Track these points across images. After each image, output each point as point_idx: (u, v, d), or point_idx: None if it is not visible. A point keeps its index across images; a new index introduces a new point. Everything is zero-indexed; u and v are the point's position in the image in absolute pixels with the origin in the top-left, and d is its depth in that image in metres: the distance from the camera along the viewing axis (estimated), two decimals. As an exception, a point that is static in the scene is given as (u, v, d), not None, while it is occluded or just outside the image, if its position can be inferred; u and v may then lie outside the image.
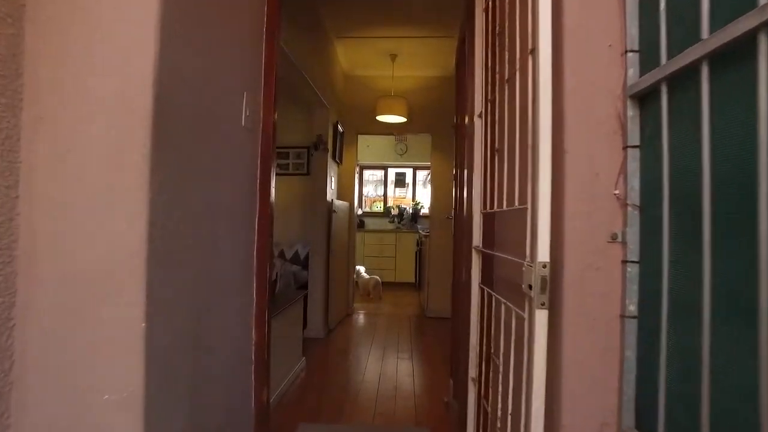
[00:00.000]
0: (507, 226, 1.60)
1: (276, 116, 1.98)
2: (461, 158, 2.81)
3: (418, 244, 7.12)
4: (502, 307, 1.39)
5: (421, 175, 9.00)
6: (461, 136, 2.85)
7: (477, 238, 1.81)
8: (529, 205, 1.07)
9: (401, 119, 5.22)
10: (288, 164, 5.85)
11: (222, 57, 1.49)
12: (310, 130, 4.87)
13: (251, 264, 1.89)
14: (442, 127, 5.79)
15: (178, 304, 1.24)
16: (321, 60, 4.43)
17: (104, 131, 1.08)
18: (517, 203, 1.23)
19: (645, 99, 0.97)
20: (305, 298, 4.56)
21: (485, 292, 1.69)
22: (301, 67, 3.70)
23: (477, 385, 1.76)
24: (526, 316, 1.08)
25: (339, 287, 5.26)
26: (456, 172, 3.24)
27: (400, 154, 8.65)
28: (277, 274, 3.54)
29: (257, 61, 1.84)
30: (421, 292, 6.44)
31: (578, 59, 1.06)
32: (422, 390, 3.34)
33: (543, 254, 0.97)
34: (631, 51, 1.00)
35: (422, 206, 8.71)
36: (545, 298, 0.97)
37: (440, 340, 4.75)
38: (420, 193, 8.99)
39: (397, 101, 5.08)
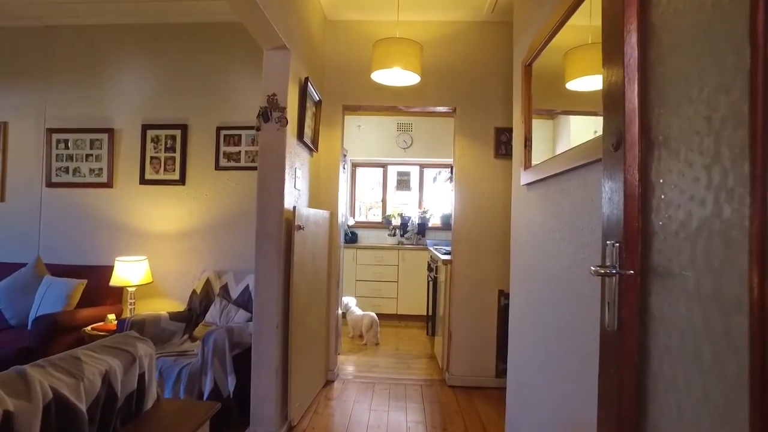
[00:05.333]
0: None
1: None
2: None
3: (430, 269, 5.14)
4: None
5: (430, 174, 7.04)
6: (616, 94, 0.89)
7: None
8: None
9: (412, 77, 3.26)
10: (239, 153, 3.89)
11: None
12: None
13: None
14: (474, 97, 3.84)
15: None
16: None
17: None
18: None
19: None
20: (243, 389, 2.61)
21: None
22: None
23: None
24: None
25: (311, 343, 3.29)
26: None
27: (404, 148, 6.69)
28: (142, 370, 1.58)
29: None
30: (437, 341, 4.46)
31: None
32: None
33: None
34: None
35: (431, 215, 6.74)
36: None
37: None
38: (427, 197, 7.02)
39: (405, 47, 3.12)
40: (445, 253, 4.27)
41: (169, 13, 3.91)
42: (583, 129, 2.52)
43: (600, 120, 2.30)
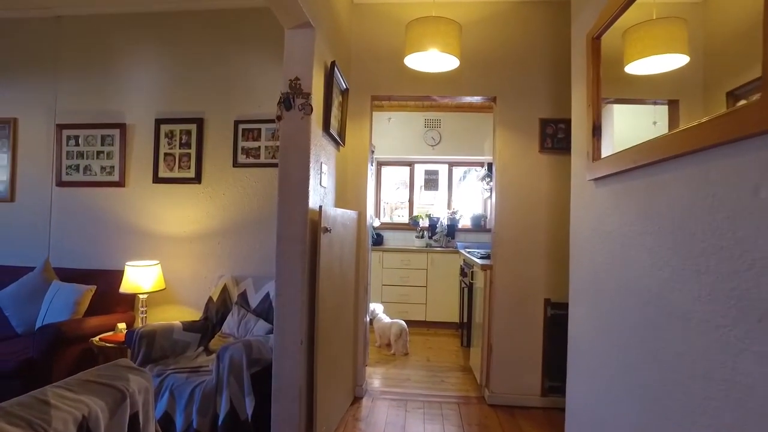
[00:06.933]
0: None
1: None
2: None
3: (464, 274, 4.78)
4: None
5: (458, 172, 6.67)
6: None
7: None
8: None
9: (450, 62, 2.91)
10: (258, 149, 3.60)
11: None
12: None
13: None
14: (516, 86, 3.47)
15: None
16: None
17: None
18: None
19: None
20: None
21: None
22: None
23: None
24: None
25: (338, 358, 2.96)
26: None
27: (432, 145, 6.33)
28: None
29: None
30: (473, 353, 4.09)
31: None
32: None
33: None
34: None
35: (461, 216, 6.36)
36: None
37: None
38: (456, 196, 6.64)
39: (443, 27, 2.77)
40: (481, 257, 3.91)
41: (184, -2, 3.64)
42: (635, 120, 2.14)
43: (660, 109, 1.94)
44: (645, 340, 1.50)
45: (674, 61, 1.73)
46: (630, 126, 2.13)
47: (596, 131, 2.01)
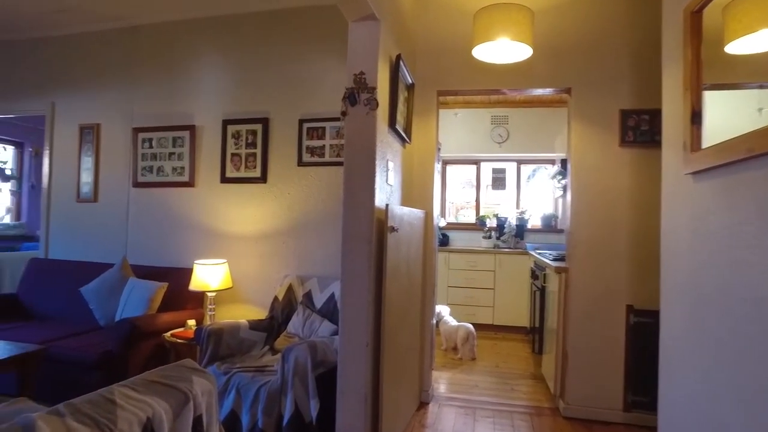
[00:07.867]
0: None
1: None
2: None
3: (535, 277, 4.54)
4: None
5: (527, 170, 6.39)
6: None
7: None
8: None
9: (521, 52, 2.74)
10: (323, 147, 3.57)
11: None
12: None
13: None
14: (593, 75, 3.24)
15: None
16: None
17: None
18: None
19: None
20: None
21: None
22: None
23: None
24: None
25: (404, 361, 2.85)
26: None
27: (499, 143, 6.10)
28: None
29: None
30: (545, 360, 3.87)
31: None
32: None
33: None
34: None
35: (530, 215, 6.08)
36: None
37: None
38: (524, 195, 6.36)
39: (514, 14, 2.61)
40: (555, 259, 3.68)
41: (249, 1, 3.67)
42: (728, 107, 1.88)
43: (766, 93, 1.67)
44: (765, 358, 1.28)
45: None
46: (723, 115, 1.88)
47: (695, 118, 1.78)
